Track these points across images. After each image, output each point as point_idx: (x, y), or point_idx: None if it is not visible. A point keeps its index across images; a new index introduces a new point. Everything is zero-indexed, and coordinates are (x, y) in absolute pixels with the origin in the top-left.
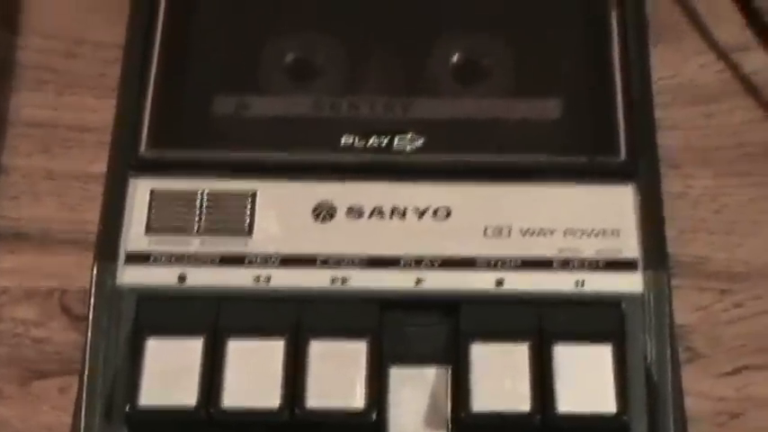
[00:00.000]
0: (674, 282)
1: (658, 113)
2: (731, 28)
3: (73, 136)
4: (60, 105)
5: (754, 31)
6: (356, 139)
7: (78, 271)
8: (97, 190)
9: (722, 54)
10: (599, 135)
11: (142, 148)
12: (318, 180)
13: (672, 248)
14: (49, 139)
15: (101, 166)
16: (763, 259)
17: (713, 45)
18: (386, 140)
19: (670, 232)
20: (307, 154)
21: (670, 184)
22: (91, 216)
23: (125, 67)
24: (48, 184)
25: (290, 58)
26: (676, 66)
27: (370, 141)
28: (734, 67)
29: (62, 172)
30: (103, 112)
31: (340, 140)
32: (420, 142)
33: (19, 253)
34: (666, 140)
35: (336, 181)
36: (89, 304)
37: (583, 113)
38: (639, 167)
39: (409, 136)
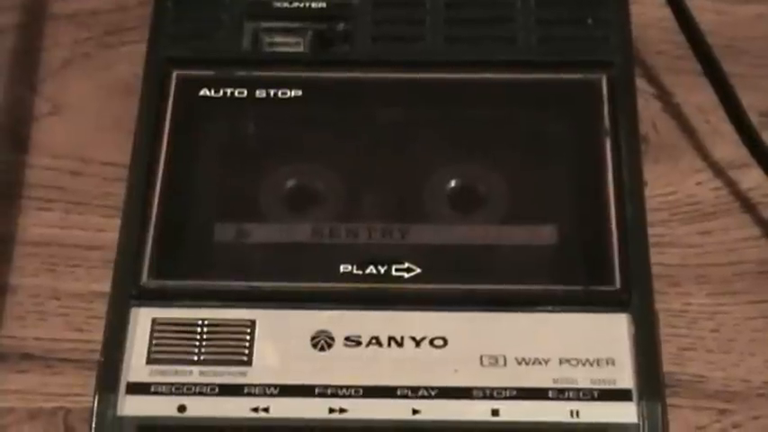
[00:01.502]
0: (672, 401)
1: (657, 231)
2: (728, 145)
3: (79, 255)
4: (67, 224)
5: (749, 149)
6: (354, 268)
7: (83, 390)
8: (102, 309)
9: (719, 171)
10: (593, 263)
11: (144, 278)
12: (317, 309)
13: (670, 367)
14: (56, 259)
15: (106, 285)
16: (762, 378)
17: (710, 162)
18: (383, 269)
19: (668, 350)
20: (305, 283)
21: (668, 302)
22: (95, 335)
23: (128, 195)
24: (53, 303)
25: (289, 186)
26: (674, 183)
27: (368, 270)
28: (730, 184)
29: (68, 291)
30: (109, 230)
31: (338, 269)
32: (417, 271)
33: (25, 373)
34: (665, 258)
35: (335, 310)
36: None
37: (578, 241)
38: (634, 297)
39: (406, 265)
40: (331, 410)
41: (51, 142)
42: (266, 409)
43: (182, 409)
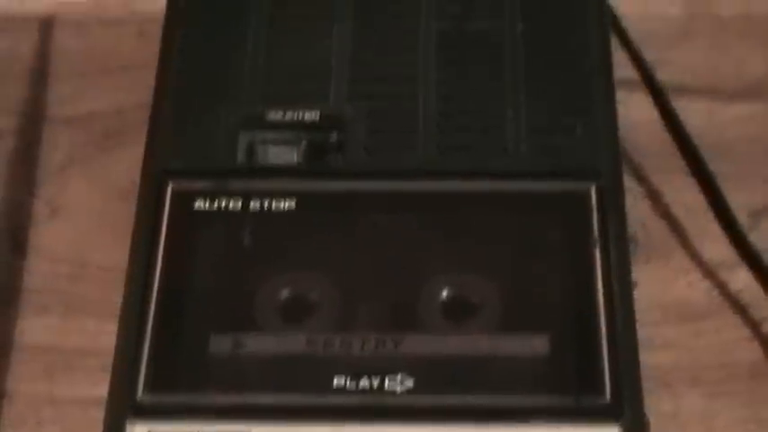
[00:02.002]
0: None
1: (648, 332)
2: (718, 245)
3: (76, 360)
4: (64, 329)
5: (738, 251)
6: (348, 381)
7: None
8: (99, 416)
9: (709, 272)
10: (584, 374)
11: (140, 392)
12: (311, 422)
13: None
14: (53, 364)
15: (103, 390)
16: None
17: (700, 262)
18: (377, 382)
19: None
20: (299, 396)
21: (661, 404)
22: None
23: (123, 308)
24: (50, 409)
25: (284, 296)
26: (665, 284)
27: (362, 383)
28: (721, 285)
29: (64, 397)
30: (107, 335)
31: (332, 382)
32: (410, 383)
33: None
34: (657, 359)
35: (328, 423)
36: None
37: (569, 351)
38: (625, 407)
39: (399, 377)
40: None
41: (49, 246)
42: None
43: None
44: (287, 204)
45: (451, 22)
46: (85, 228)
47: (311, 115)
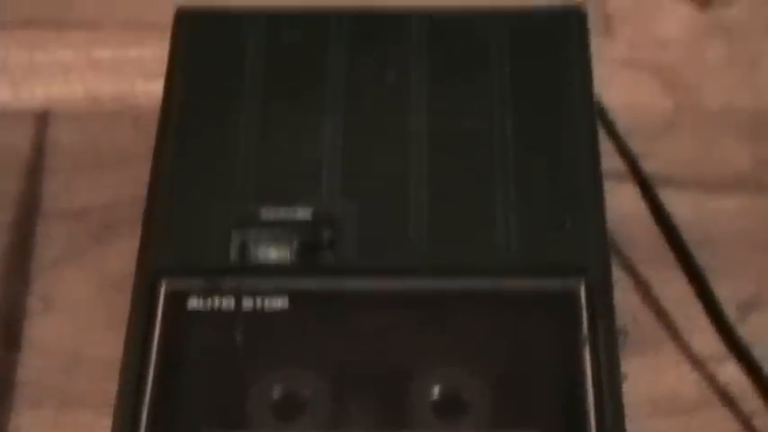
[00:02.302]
0: None
1: (638, 426)
2: (707, 338)
3: None
4: (59, 424)
5: (726, 346)
6: None
7: None
8: None
9: (699, 364)
10: None
11: None
12: None
13: None
14: None
15: None
16: None
17: (690, 355)
18: None
19: None
20: None
21: None
22: None
23: (117, 407)
24: None
25: (276, 394)
26: (655, 377)
27: None
28: (711, 378)
29: None
30: (102, 430)
31: None
32: None
33: None
34: None
35: None
36: None
37: None
38: None
39: None
40: None
41: (43, 339)
42: None
43: None
44: (279, 303)
45: (442, 118)
46: (80, 321)
47: (303, 213)
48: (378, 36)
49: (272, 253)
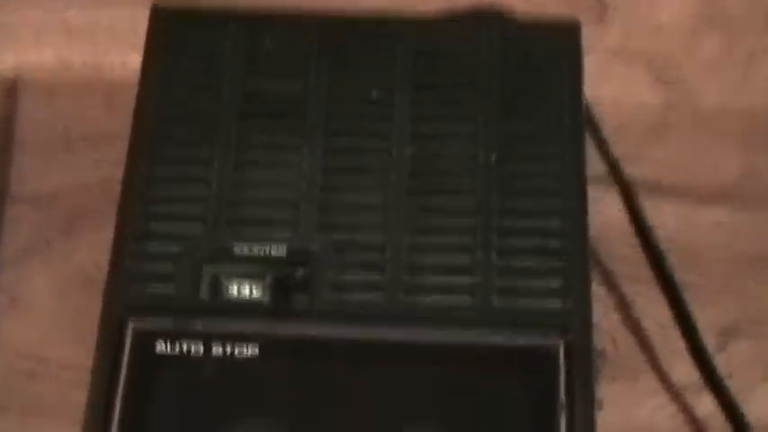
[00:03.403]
0: None
1: None
2: (687, 366)
3: None
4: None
5: (703, 376)
6: None
7: None
8: None
9: (676, 395)
10: None
11: None
12: None
13: None
14: None
15: None
16: None
17: (668, 385)
18: None
19: None
20: None
21: None
22: None
23: None
24: None
25: None
26: (630, 407)
27: None
28: (686, 410)
29: None
30: None
31: None
32: None
33: None
34: None
35: None
36: None
37: None
38: None
39: None
40: None
41: (7, 339)
42: None
43: None
44: (250, 351)
45: (425, 148)
46: (45, 320)
47: (278, 250)
48: (361, 51)
49: (245, 289)
